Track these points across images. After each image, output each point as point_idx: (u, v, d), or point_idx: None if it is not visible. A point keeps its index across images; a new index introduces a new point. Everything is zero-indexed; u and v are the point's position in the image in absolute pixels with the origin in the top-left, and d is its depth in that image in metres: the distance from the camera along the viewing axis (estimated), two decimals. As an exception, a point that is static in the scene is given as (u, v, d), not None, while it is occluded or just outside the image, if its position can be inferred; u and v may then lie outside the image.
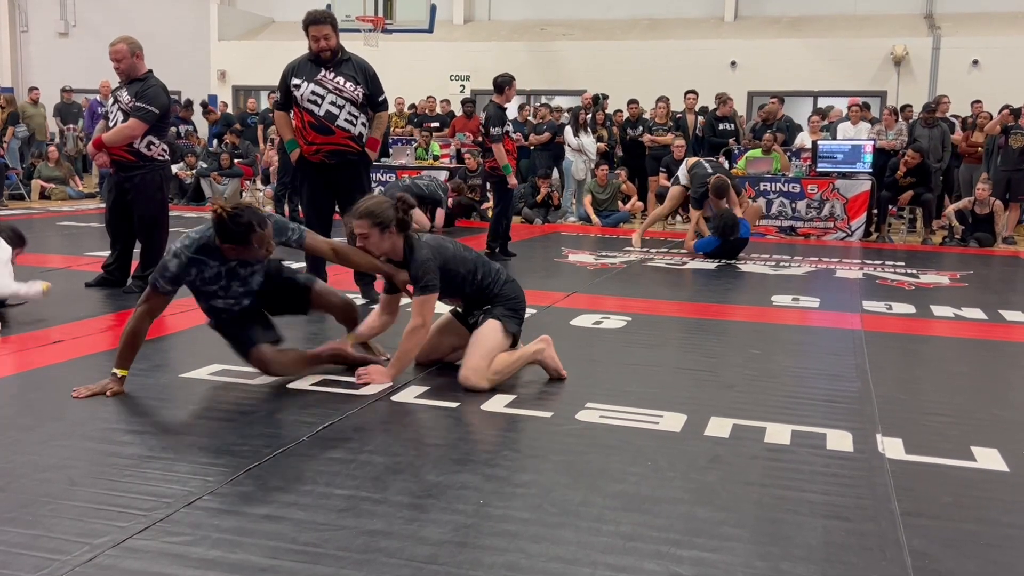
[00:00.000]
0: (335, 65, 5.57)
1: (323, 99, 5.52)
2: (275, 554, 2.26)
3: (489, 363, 3.74)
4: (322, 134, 5.55)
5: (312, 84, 5.52)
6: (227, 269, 3.68)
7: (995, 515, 2.63)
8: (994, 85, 13.78)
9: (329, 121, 5.53)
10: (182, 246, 3.58)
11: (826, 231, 10.73)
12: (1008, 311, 6.03)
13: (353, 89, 5.56)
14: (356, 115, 5.61)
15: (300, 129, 5.63)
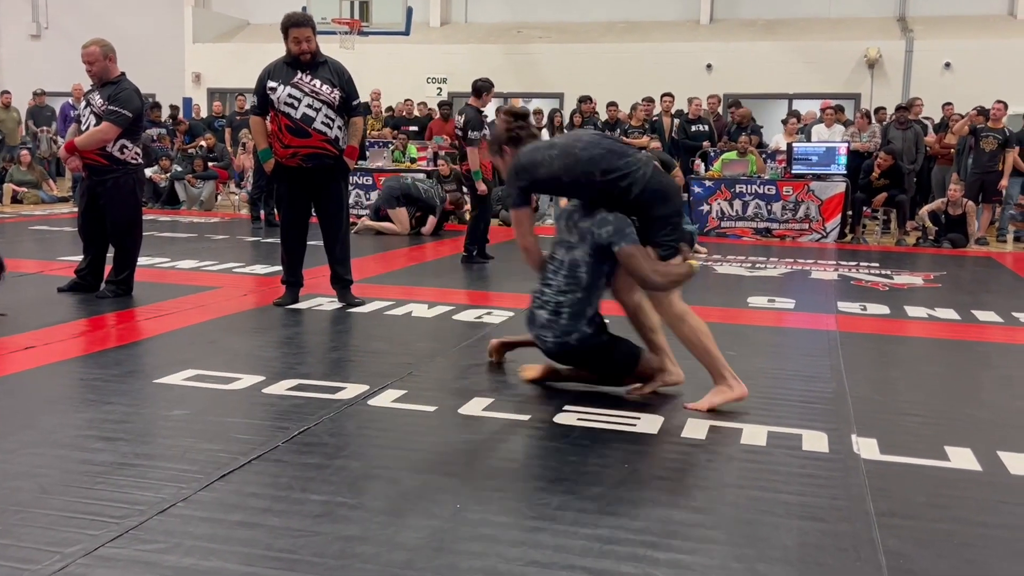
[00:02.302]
0: (312, 68, 5.53)
1: (300, 102, 5.48)
2: (250, 561, 2.24)
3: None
4: (299, 137, 5.50)
5: (288, 87, 5.48)
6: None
7: (968, 514, 2.66)
8: (966, 87, 13.94)
9: (306, 124, 5.49)
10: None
11: (801, 233, 10.80)
12: (981, 311, 6.09)
13: (330, 92, 5.53)
14: (333, 118, 5.57)
15: (276, 133, 5.58)
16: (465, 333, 5.04)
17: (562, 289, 3.75)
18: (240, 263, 7.67)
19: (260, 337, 4.95)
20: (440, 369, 4.28)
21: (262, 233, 10.24)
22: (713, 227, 11.05)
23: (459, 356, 4.54)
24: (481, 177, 7.92)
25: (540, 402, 3.67)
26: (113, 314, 5.38)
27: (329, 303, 5.79)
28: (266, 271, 7.22)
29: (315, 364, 4.33)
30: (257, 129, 5.78)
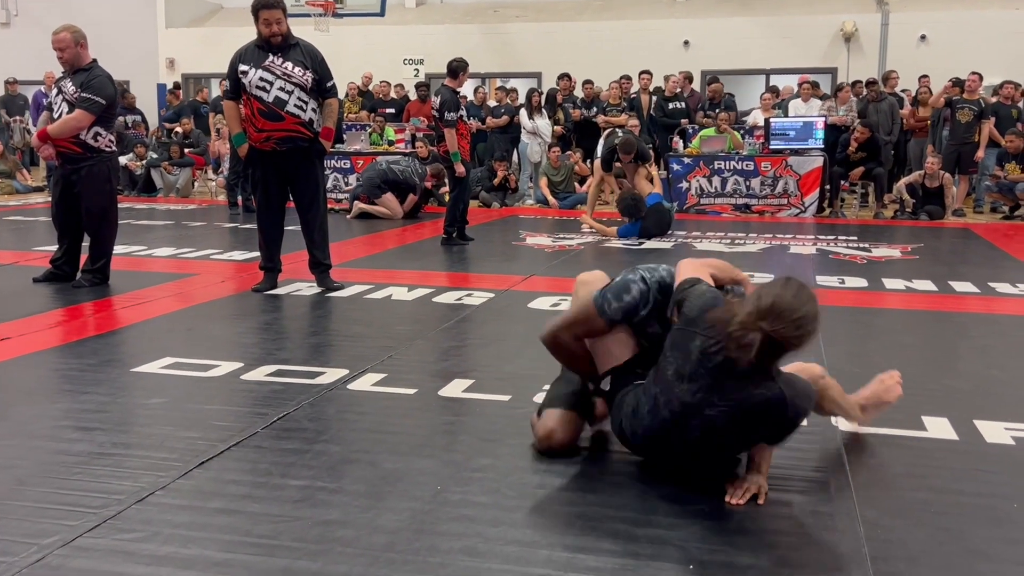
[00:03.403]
0: (283, 51, 5.48)
1: (272, 85, 5.43)
2: (229, 548, 2.23)
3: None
4: (272, 120, 5.46)
5: (260, 70, 5.43)
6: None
7: (945, 483, 2.68)
8: (942, 60, 13.98)
9: (278, 107, 5.44)
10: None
11: (780, 208, 10.82)
12: (957, 282, 6.14)
13: (302, 74, 5.48)
14: (306, 100, 5.53)
15: (250, 117, 5.53)
16: (445, 315, 5.03)
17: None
18: (218, 250, 7.62)
19: (238, 324, 4.93)
20: (420, 352, 4.27)
21: (240, 219, 10.17)
22: (692, 204, 11.06)
23: (439, 338, 4.54)
24: (460, 158, 7.88)
25: (520, 383, 3.67)
26: (90, 303, 5.33)
27: (308, 288, 5.76)
28: (244, 257, 7.17)
29: (294, 349, 4.31)
30: (231, 114, 5.73)
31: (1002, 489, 2.65)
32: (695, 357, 2.39)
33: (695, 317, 2.42)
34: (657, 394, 2.50)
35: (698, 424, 2.43)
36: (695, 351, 2.39)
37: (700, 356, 2.38)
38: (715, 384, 2.37)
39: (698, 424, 2.43)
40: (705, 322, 2.40)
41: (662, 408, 2.48)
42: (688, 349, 2.41)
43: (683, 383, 2.41)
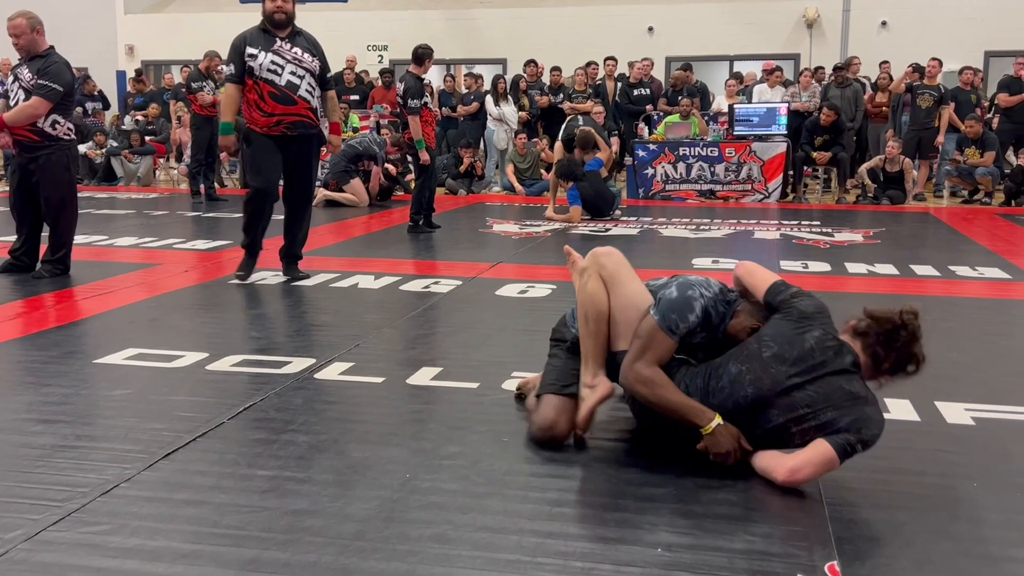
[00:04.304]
0: (290, 37, 5.43)
1: (283, 69, 5.37)
2: (197, 539, 2.21)
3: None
4: (284, 104, 5.38)
5: (270, 54, 5.35)
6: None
7: (908, 464, 2.73)
8: (902, 46, 14.12)
9: (291, 91, 5.39)
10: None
11: (744, 194, 10.91)
12: (918, 266, 6.23)
13: (311, 61, 5.46)
14: (314, 87, 5.50)
15: (257, 101, 5.39)
16: (412, 303, 5.01)
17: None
18: (181, 239, 7.53)
19: (203, 314, 4.88)
20: (387, 340, 4.26)
21: (203, 208, 10.06)
22: (658, 190, 11.11)
23: (407, 327, 4.52)
24: (424, 146, 7.85)
25: (488, 370, 3.67)
26: (51, 294, 5.25)
27: (273, 277, 5.71)
28: (208, 246, 7.09)
29: (260, 339, 4.28)
30: (230, 98, 5.53)
31: (963, 469, 2.70)
32: (809, 346, 2.56)
33: (812, 314, 2.63)
34: (743, 371, 2.61)
35: (780, 403, 2.55)
36: (810, 339, 2.57)
37: (816, 344, 2.56)
38: (816, 371, 2.54)
39: (780, 403, 2.55)
40: (830, 325, 2.64)
41: (747, 385, 2.59)
42: (801, 339, 2.58)
43: (783, 366, 2.56)
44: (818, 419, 2.50)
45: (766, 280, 2.77)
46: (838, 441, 2.46)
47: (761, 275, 2.81)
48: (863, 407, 2.50)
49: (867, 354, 2.57)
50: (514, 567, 2.09)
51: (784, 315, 2.65)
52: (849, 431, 2.46)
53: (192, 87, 10.70)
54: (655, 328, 2.67)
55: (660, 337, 2.67)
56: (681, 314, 2.67)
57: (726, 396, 2.62)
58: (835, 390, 2.51)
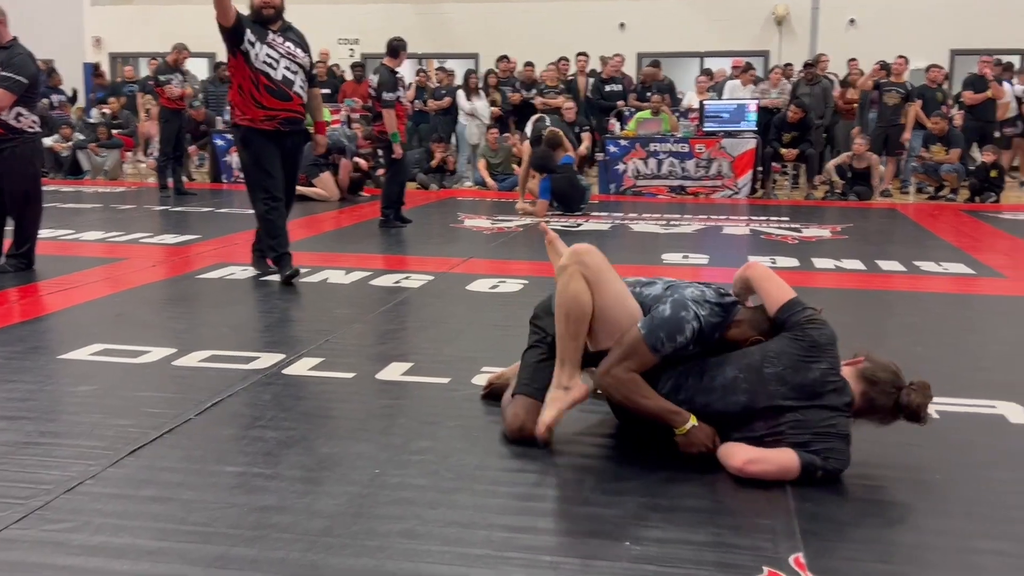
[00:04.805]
0: (281, 31, 5.34)
1: (278, 63, 5.26)
2: (163, 536, 2.20)
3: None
4: (281, 100, 5.29)
5: (264, 46, 5.23)
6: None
7: (873, 457, 2.75)
8: (870, 44, 14.25)
9: (287, 87, 5.30)
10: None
11: (714, 189, 10.97)
12: (884, 261, 6.30)
13: (303, 56, 5.38)
14: (304, 84, 5.42)
15: (251, 92, 5.24)
16: (383, 298, 5.00)
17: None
18: (148, 233, 7.44)
19: (170, 309, 4.83)
20: (358, 335, 4.24)
21: (171, 202, 9.96)
22: (629, 186, 11.15)
23: (377, 322, 4.51)
24: (398, 139, 7.82)
25: (459, 365, 3.67)
26: (15, 289, 5.18)
27: (242, 272, 5.67)
28: (176, 241, 7.02)
29: (228, 334, 4.23)
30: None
31: (926, 462, 2.74)
32: (813, 378, 2.55)
33: (824, 345, 2.59)
34: (740, 379, 2.60)
35: (766, 417, 2.57)
36: (816, 371, 2.55)
37: (819, 377, 2.55)
38: (811, 400, 2.54)
39: (766, 417, 2.57)
40: (837, 360, 2.60)
41: (740, 393, 2.59)
42: (807, 368, 2.56)
43: (782, 387, 2.56)
44: (795, 439, 2.52)
45: (781, 295, 2.69)
46: (806, 457, 2.49)
47: (776, 287, 2.72)
48: (839, 441, 2.53)
49: (863, 401, 2.58)
50: (483, 562, 2.10)
51: (795, 338, 2.59)
52: (818, 455, 2.49)
53: (160, 80, 10.57)
54: (640, 342, 2.64)
55: (643, 351, 2.64)
56: (670, 335, 2.62)
57: (716, 398, 2.62)
58: (820, 421, 2.52)
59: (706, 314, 2.67)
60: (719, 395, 2.62)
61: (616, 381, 2.66)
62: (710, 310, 2.68)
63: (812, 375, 2.55)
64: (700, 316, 2.65)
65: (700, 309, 2.67)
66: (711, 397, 2.63)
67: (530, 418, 2.79)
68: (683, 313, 2.64)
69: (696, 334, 2.64)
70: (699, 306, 2.67)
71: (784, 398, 2.55)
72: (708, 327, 2.66)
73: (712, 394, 2.63)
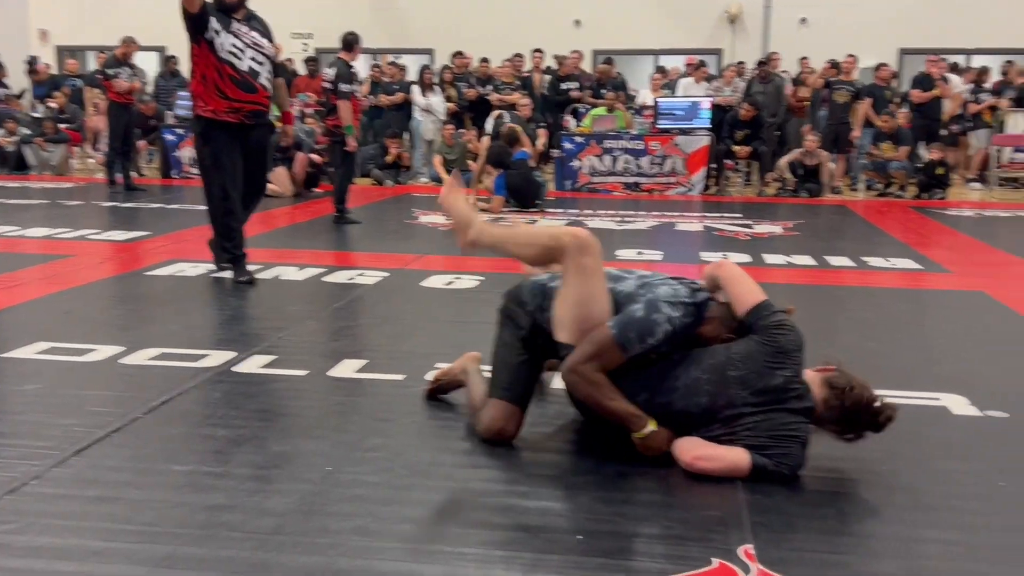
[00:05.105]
0: (245, 19, 5.17)
1: (244, 53, 5.08)
2: (109, 536, 2.16)
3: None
4: (246, 91, 5.10)
5: (229, 35, 5.04)
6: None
7: (822, 450, 2.77)
8: (821, 43, 14.45)
9: (253, 78, 5.12)
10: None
11: (668, 186, 11.06)
12: (834, 257, 6.40)
13: (269, 46, 5.24)
14: (270, 75, 5.27)
15: (216, 82, 5.04)
16: (337, 295, 4.96)
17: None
18: (96, 229, 7.30)
19: (118, 306, 4.75)
20: (311, 333, 4.20)
21: (120, 198, 9.79)
22: (585, 183, 11.19)
23: (330, 319, 4.47)
24: (353, 132, 7.78)
25: (413, 361, 3.65)
26: (-44, 287, 5.06)
27: (192, 268, 5.59)
28: (124, 237, 6.90)
29: (178, 332, 4.16)
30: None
31: (873, 453, 2.78)
32: (776, 383, 2.55)
33: (791, 351, 2.59)
34: (702, 380, 2.59)
35: (726, 419, 2.57)
36: (780, 377, 2.56)
37: (783, 384, 2.56)
38: (772, 405, 2.55)
39: (726, 419, 2.57)
40: (801, 366, 2.61)
41: (702, 395, 2.59)
42: (771, 374, 2.56)
43: (744, 391, 2.56)
44: (752, 441, 2.54)
45: (751, 298, 2.67)
46: (759, 460, 2.51)
47: (746, 289, 2.70)
48: (795, 445, 2.54)
49: (824, 408, 2.57)
50: (436, 557, 2.09)
51: (762, 343, 2.58)
52: (772, 458, 2.51)
53: (108, 73, 10.38)
54: (610, 341, 2.60)
55: (613, 351, 2.61)
56: (640, 336, 2.59)
57: (678, 397, 2.61)
58: (780, 426, 2.53)
59: (679, 315, 2.64)
60: (681, 394, 2.61)
61: (582, 379, 2.64)
62: (684, 311, 2.65)
63: (775, 381, 2.55)
64: (673, 318, 2.62)
65: (674, 311, 2.63)
66: (673, 396, 2.62)
67: (509, 424, 2.74)
68: (656, 316, 2.61)
69: (669, 336, 2.62)
70: (673, 307, 2.64)
71: (745, 402, 2.55)
72: (681, 328, 2.64)
73: (674, 393, 2.62)
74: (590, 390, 2.64)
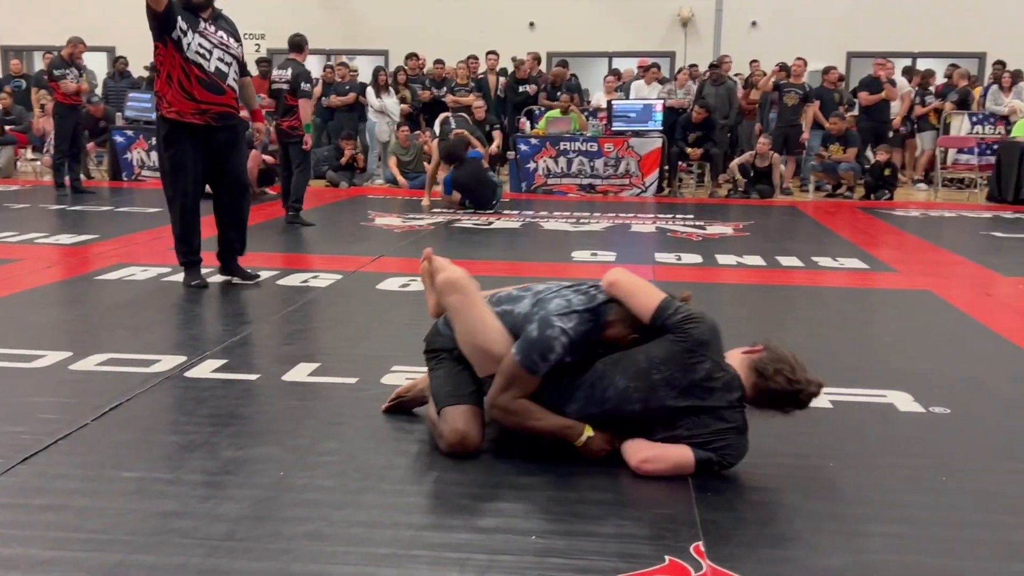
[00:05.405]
0: (212, 19, 5.05)
1: (211, 54, 4.96)
2: (57, 545, 2.13)
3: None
4: (213, 93, 4.98)
5: (196, 35, 4.92)
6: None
7: (770, 447, 2.84)
8: (771, 46, 14.68)
9: (220, 79, 5.00)
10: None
11: (622, 188, 11.14)
12: (784, 257, 6.50)
13: (236, 46, 5.13)
14: (238, 75, 5.16)
15: (183, 82, 4.92)
16: (290, 298, 4.93)
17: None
18: (43, 233, 7.17)
19: (67, 311, 4.68)
20: (263, 336, 4.18)
21: (68, 200, 9.61)
22: (540, 184, 11.23)
23: (283, 322, 4.45)
24: (311, 130, 7.80)
25: (367, 364, 3.65)
26: None
27: (142, 272, 5.52)
28: (73, 241, 6.78)
29: (127, 337, 4.11)
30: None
31: (819, 450, 2.85)
32: (700, 376, 2.57)
33: (706, 341, 2.60)
34: (631, 388, 2.60)
35: (663, 421, 2.60)
36: (702, 370, 2.57)
37: (706, 375, 2.57)
38: (703, 401, 2.58)
39: (663, 421, 2.60)
40: (720, 353, 2.63)
41: (635, 401, 2.60)
42: (693, 369, 2.57)
43: (672, 391, 2.58)
44: (693, 439, 2.57)
45: (649, 302, 2.64)
46: (701, 455, 2.55)
47: (642, 297, 2.67)
48: (736, 436, 2.59)
49: (754, 392, 2.61)
50: (389, 561, 2.09)
51: (677, 340, 2.59)
52: (715, 451, 2.56)
53: (55, 74, 10.19)
54: (517, 367, 2.64)
55: (522, 375, 2.65)
56: (542, 354, 2.62)
57: (611, 407, 2.64)
58: (716, 420, 2.57)
59: (573, 324, 2.66)
60: (613, 404, 2.63)
61: (505, 411, 2.69)
62: (578, 319, 2.67)
63: (699, 374, 2.57)
64: (567, 329, 2.64)
65: (566, 322, 2.65)
66: (605, 407, 2.64)
67: (470, 426, 2.72)
68: (548, 331, 2.64)
69: (568, 347, 2.64)
70: (565, 319, 2.66)
71: (676, 403, 2.58)
72: (579, 336, 2.66)
73: (606, 404, 2.64)
74: (515, 419, 2.69)
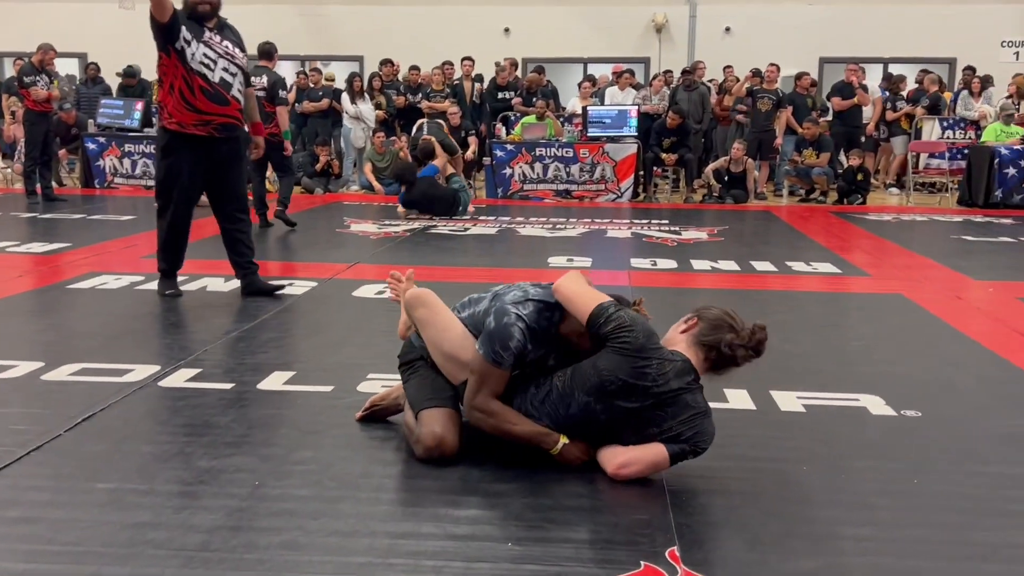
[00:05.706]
0: (217, 29, 4.98)
1: (216, 64, 4.88)
2: (30, 558, 2.11)
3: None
4: (218, 104, 4.89)
5: (201, 45, 4.84)
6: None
7: (744, 451, 2.87)
8: (744, 51, 14.80)
9: (225, 90, 4.91)
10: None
11: (598, 193, 11.18)
12: (758, 262, 6.56)
13: (242, 57, 5.05)
14: (243, 87, 5.07)
15: (185, 93, 4.82)
16: (265, 306, 4.90)
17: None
18: (14, 241, 7.10)
19: (38, 320, 4.63)
20: (238, 345, 4.15)
21: (39, 208, 9.52)
22: (516, 190, 11.26)
23: (258, 330, 4.42)
24: (290, 137, 7.80)
25: (342, 373, 3.64)
26: None
27: (115, 280, 5.48)
28: (44, 249, 6.72)
29: (100, 347, 4.07)
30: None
31: (793, 454, 2.87)
32: (651, 379, 2.57)
33: (643, 345, 2.58)
34: (591, 402, 2.61)
35: (633, 426, 2.61)
36: (651, 370, 2.57)
37: (656, 372, 2.57)
38: (661, 397, 2.58)
39: (633, 426, 2.61)
40: (659, 348, 2.63)
41: (599, 413, 2.62)
42: (642, 374, 2.56)
43: (630, 396, 2.57)
44: (664, 434, 2.59)
45: (584, 310, 2.63)
46: (674, 449, 2.57)
47: (580, 304, 2.66)
48: (702, 420, 2.61)
49: (708, 364, 2.65)
50: (366, 570, 2.09)
51: (616, 350, 2.58)
52: (687, 442, 2.58)
53: (25, 81, 10.10)
54: (483, 362, 2.67)
55: (490, 370, 2.67)
56: (503, 344, 2.64)
57: (579, 421, 2.66)
58: (681, 409, 2.59)
59: (529, 311, 2.70)
60: (581, 419, 2.65)
61: (482, 414, 2.70)
62: (533, 307, 2.71)
63: (648, 378, 2.57)
64: (523, 315, 2.68)
65: (522, 309, 2.69)
66: (573, 422, 2.67)
67: (447, 430, 2.72)
68: (505, 319, 2.66)
69: (527, 333, 2.67)
70: (520, 307, 2.70)
71: (636, 403, 2.59)
72: (535, 323, 2.69)
73: (573, 420, 2.66)
74: (492, 422, 2.70)
